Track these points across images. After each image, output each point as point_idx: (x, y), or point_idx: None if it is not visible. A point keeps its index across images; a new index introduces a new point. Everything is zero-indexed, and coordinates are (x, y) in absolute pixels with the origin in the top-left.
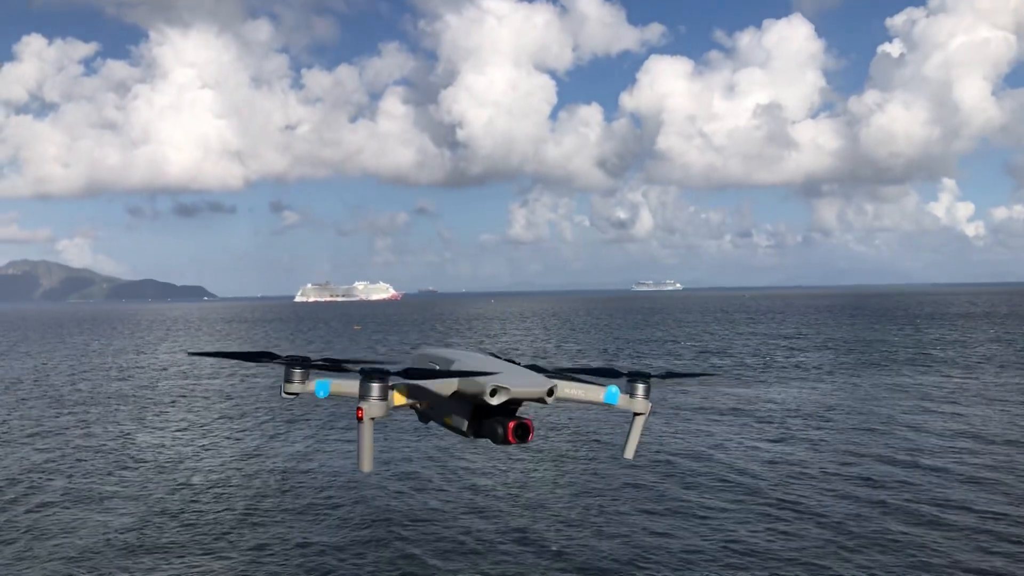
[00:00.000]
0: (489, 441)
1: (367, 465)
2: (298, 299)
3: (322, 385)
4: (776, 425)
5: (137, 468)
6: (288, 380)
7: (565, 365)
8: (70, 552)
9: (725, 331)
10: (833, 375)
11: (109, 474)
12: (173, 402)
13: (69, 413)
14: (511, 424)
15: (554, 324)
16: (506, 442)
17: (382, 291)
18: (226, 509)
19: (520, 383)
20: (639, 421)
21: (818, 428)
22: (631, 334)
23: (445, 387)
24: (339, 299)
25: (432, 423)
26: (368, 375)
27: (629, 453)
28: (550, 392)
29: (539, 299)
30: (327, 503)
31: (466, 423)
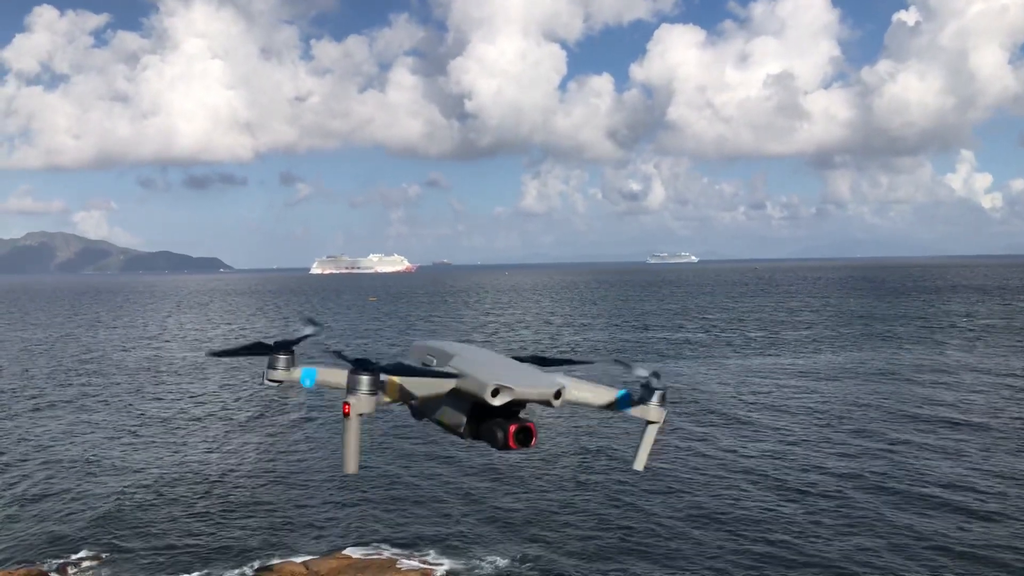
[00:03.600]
0: (487, 445)
1: (352, 466)
2: (314, 271)
3: (308, 373)
4: (784, 411)
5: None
6: (272, 367)
7: (571, 356)
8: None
9: (735, 303)
10: (843, 348)
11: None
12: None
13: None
14: (512, 427)
15: (568, 296)
16: (506, 447)
17: (397, 263)
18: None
19: (525, 383)
20: (652, 430)
21: (823, 404)
22: (647, 307)
23: (442, 384)
24: (354, 271)
25: (426, 420)
26: (357, 367)
27: (639, 464)
28: (557, 394)
29: (553, 271)
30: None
31: (464, 423)
